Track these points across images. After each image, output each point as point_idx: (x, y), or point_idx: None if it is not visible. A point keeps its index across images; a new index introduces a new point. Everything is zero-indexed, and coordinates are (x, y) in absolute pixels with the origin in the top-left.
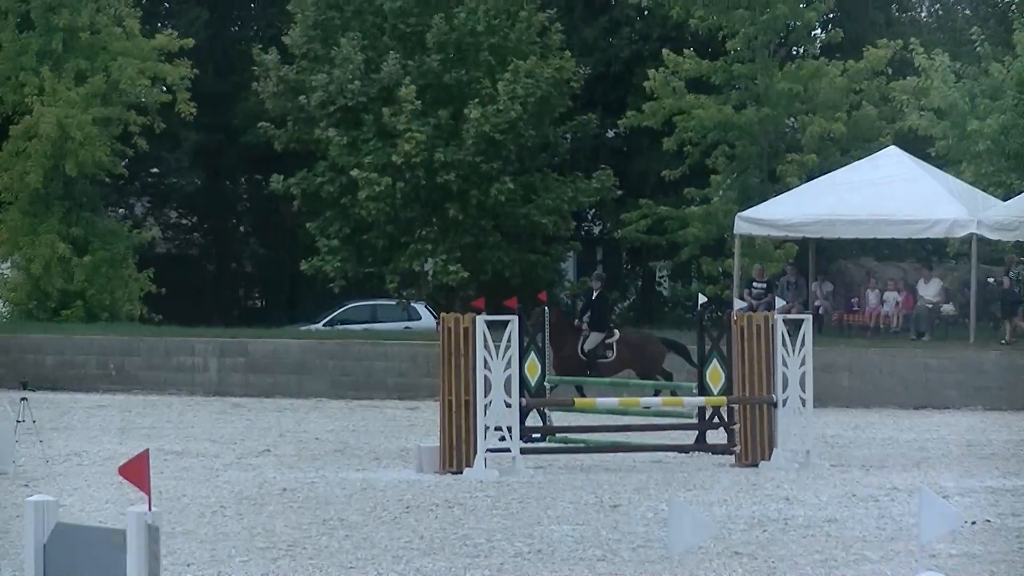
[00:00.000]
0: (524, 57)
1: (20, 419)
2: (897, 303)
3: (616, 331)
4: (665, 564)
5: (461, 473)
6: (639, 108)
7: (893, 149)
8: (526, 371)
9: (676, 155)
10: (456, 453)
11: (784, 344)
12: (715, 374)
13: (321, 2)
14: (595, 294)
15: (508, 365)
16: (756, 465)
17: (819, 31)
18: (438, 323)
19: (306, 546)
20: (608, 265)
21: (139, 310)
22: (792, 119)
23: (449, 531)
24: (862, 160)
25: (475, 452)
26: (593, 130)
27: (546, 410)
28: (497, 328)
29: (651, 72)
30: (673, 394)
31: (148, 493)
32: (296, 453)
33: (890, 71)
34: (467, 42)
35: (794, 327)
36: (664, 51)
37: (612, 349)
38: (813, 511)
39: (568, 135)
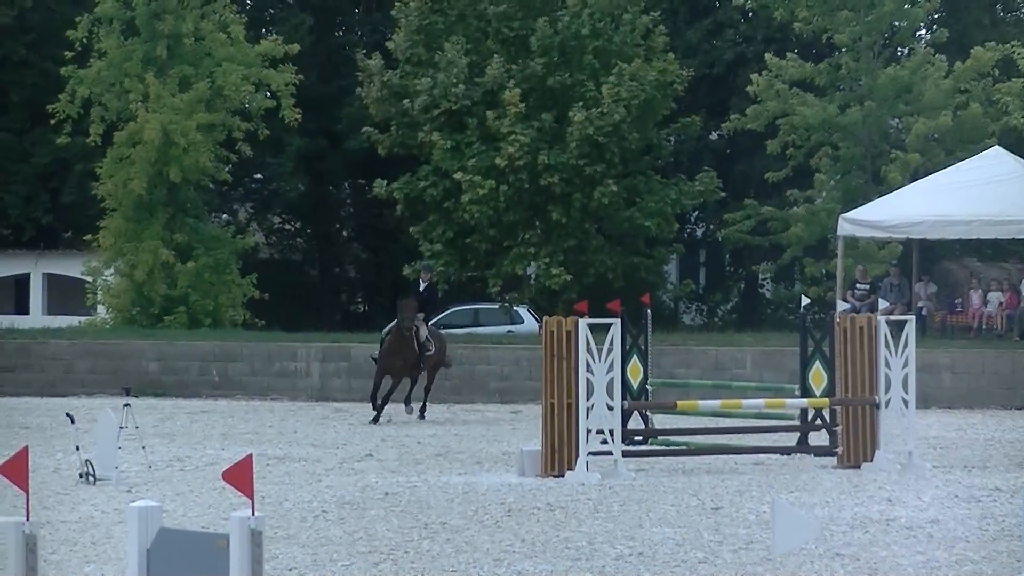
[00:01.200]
0: (628, 60)
1: (123, 425)
2: (1000, 303)
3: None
4: (767, 566)
5: (563, 476)
6: (742, 111)
7: (997, 149)
8: (628, 374)
9: (779, 157)
10: (558, 456)
11: (887, 345)
12: (817, 376)
13: (425, 7)
14: (424, 285)
15: (610, 368)
16: (858, 466)
17: (924, 31)
18: (540, 326)
19: (407, 550)
20: (711, 267)
21: (242, 315)
22: (896, 119)
23: (551, 534)
24: (966, 160)
25: (577, 455)
26: (696, 132)
27: (648, 412)
28: (599, 331)
29: (754, 76)
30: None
31: (251, 497)
32: (398, 457)
33: (996, 72)
34: (571, 45)
35: (897, 328)
36: (767, 55)
37: (431, 340)
38: (915, 512)
39: (671, 137)
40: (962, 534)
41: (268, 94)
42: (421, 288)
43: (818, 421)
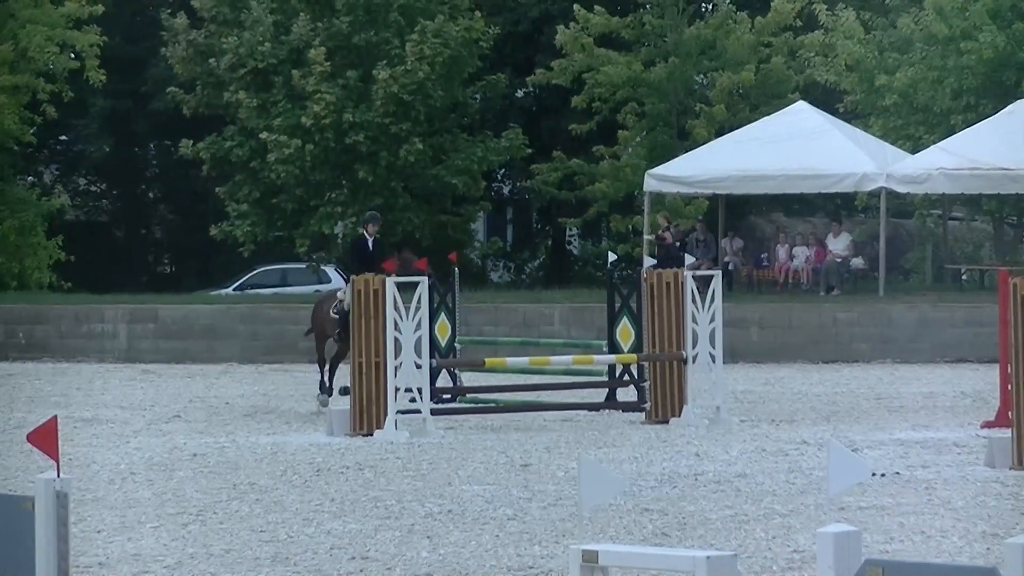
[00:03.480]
0: (432, 17)
1: None
2: (807, 258)
3: None
4: (575, 522)
5: (372, 435)
6: (549, 66)
7: (802, 104)
8: (436, 332)
9: (586, 113)
10: (366, 415)
11: (694, 300)
12: (625, 332)
13: None
14: (371, 240)
15: (418, 326)
16: (666, 422)
17: None
18: (349, 286)
19: (216, 511)
20: (519, 225)
21: (48, 278)
22: (701, 75)
23: (360, 493)
24: (771, 115)
25: (385, 414)
26: (503, 90)
27: (456, 371)
28: (407, 290)
29: (560, 28)
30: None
31: (57, 460)
32: (206, 418)
33: (799, 24)
34: (376, 3)
35: (704, 283)
36: (575, 7)
37: None
38: (723, 466)
39: (477, 95)
40: (770, 487)
41: (73, 55)
42: (370, 245)
43: (626, 377)
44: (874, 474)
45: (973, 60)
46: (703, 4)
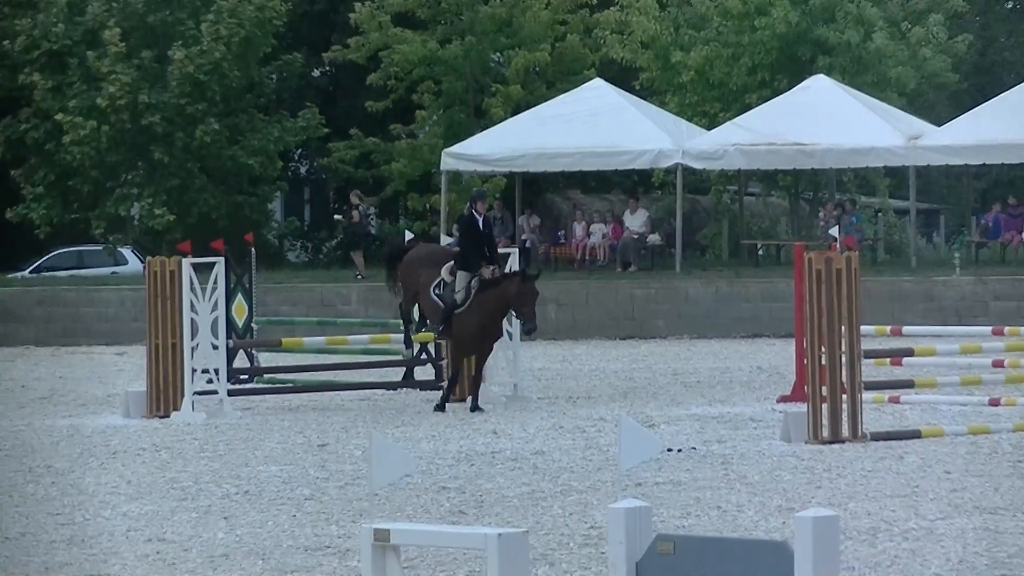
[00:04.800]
0: None
1: None
2: (604, 235)
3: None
4: (373, 500)
5: (168, 417)
6: (345, 44)
7: (598, 81)
8: (233, 313)
9: (382, 91)
10: (163, 397)
11: None
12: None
13: None
14: (481, 218)
15: (214, 307)
16: (463, 400)
17: None
18: (144, 267)
19: (12, 494)
20: (316, 204)
21: None
22: (497, 53)
23: (156, 475)
24: (567, 93)
25: (182, 395)
26: (299, 69)
27: (254, 351)
28: (204, 271)
29: (357, 6)
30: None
31: None
32: (2, 402)
33: (595, 1)
34: None
35: (502, 261)
36: None
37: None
38: (520, 444)
39: (274, 75)
40: (567, 464)
41: None
42: (480, 224)
43: (424, 356)
44: (670, 449)
45: (767, 36)
46: None
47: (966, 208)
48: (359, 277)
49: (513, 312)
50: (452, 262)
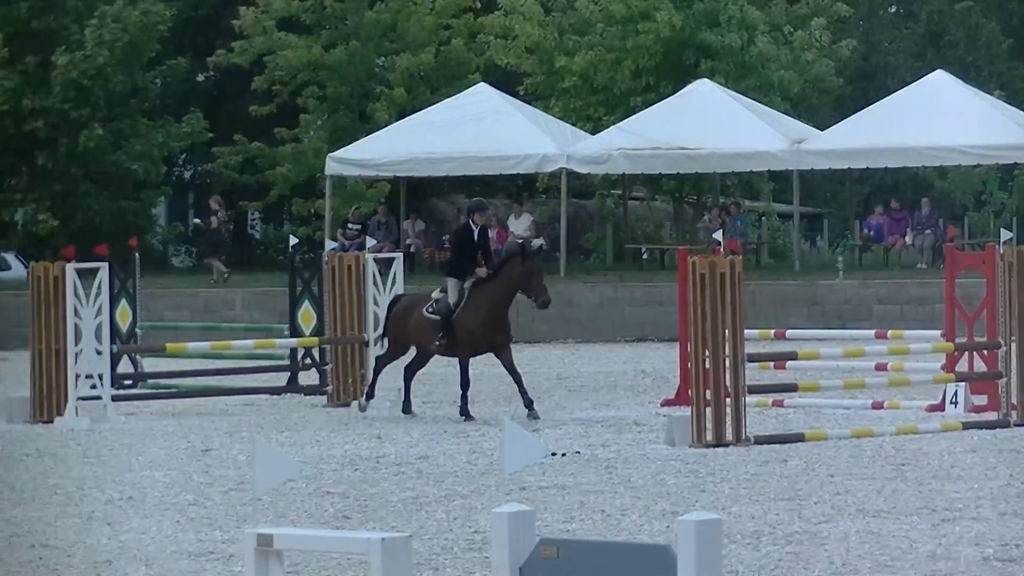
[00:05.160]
0: (111, 2)
1: None
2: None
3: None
4: (256, 505)
5: (52, 422)
6: (230, 48)
7: (482, 86)
8: (117, 318)
9: (267, 96)
10: (47, 403)
11: (375, 283)
12: (307, 315)
13: None
14: (478, 229)
15: (98, 312)
16: (348, 405)
17: None
18: (28, 272)
19: None
20: (199, 210)
21: None
22: (382, 58)
23: (40, 481)
24: (452, 98)
25: (66, 401)
26: (183, 74)
27: (138, 356)
28: (88, 276)
29: (242, 10)
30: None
31: None
32: None
33: (479, 5)
34: None
35: (385, 266)
36: None
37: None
38: (405, 448)
39: (158, 80)
40: (451, 469)
41: None
42: (476, 235)
43: (308, 360)
44: (555, 454)
45: (651, 40)
46: None
47: (849, 212)
48: (225, 279)
49: (523, 292)
50: (438, 289)
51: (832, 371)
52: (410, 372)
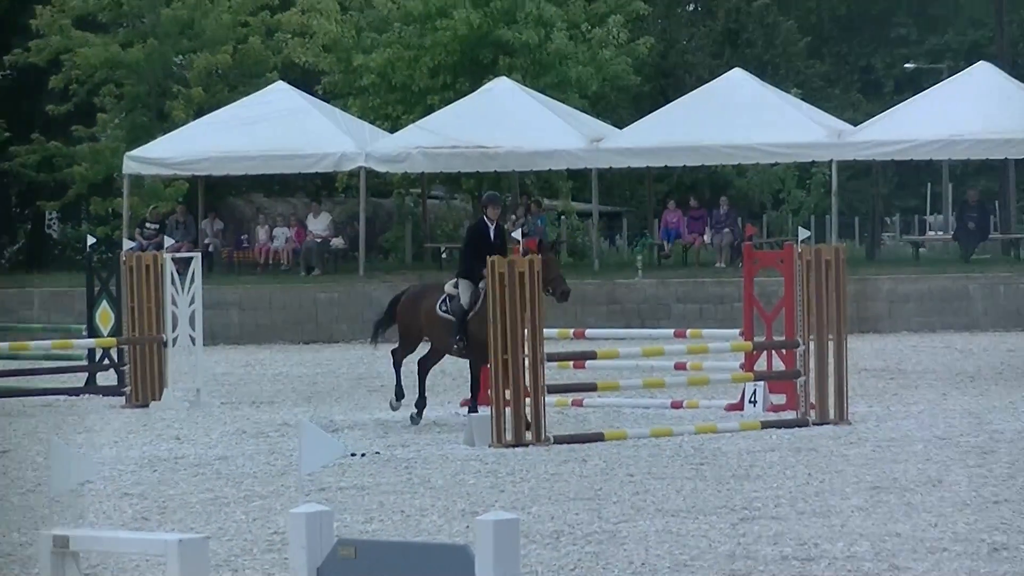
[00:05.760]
0: None
1: None
2: (287, 238)
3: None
4: (55, 507)
5: None
6: (26, 47)
7: (280, 84)
8: None
9: (64, 94)
10: None
11: (173, 283)
12: (105, 315)
13: None
14: (493, 225)
15: None
16: (147, 405)
17: None
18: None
19: None
20: None
21: None
22: (180, 56)
23: None
24: (250, 96)
25: None
26: None
27: None
28: None
29: (38, 9)
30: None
31: None
32: None
33: (276, 3)
34: None
35: (184, 266)
36: None
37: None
38: (203, 449)
39: None
40: (250, 470)
41: None
42: (492, 233)
43: (106, 361)
44: (354, 454)
45: (449, 37)
46: None
47: (648, 210)
48: None
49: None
50: (455, 279)
51: (631, 370)
52: (424, 367)
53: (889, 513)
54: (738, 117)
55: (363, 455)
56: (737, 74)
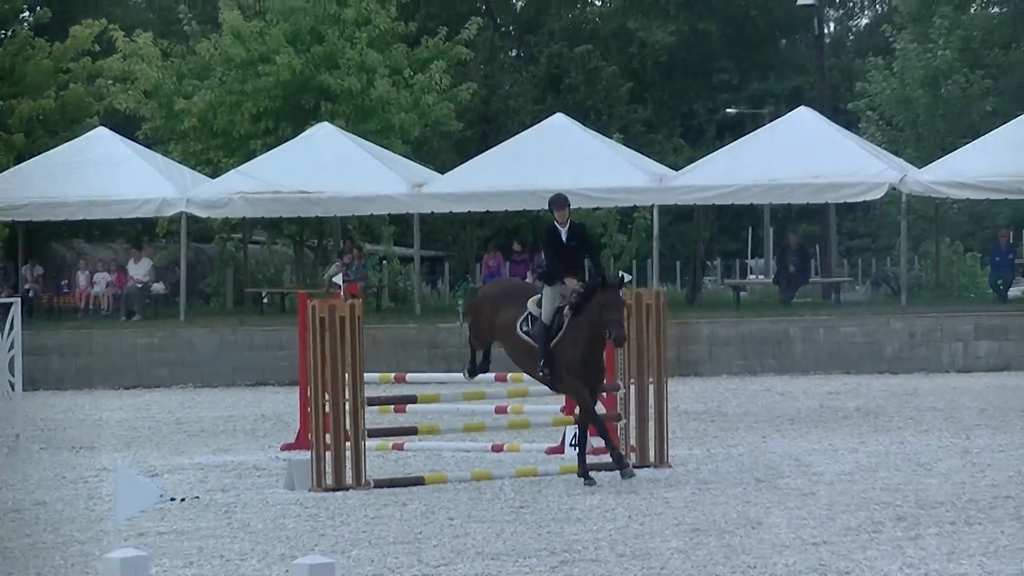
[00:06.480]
0: None
1: None
2: (108, 283)
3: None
4: None
5: None
6: None
7: (102, 130)
8: None
9: None
10: None
11: None
12: None
13: None
14: (565, 229)
15: None
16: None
17: (27, 13)
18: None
19: None
20: None
21: None
22: (0, 101)
23: None
24: (70, 142)
25: None
26: None
27: None
28: None
29: None
30: None
31: None
32: None
33: (98, 49)
34: None
35: (3, 311)
36: None
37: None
38: (23, 495)
39: None
40: (69, 515)
41: None
42: (564, 235)
43: None
44: (173, 499)
45: (271, 83)
46: (1, 30)
47: (470, 255)
48: None
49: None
50: (539, 295)
51: (452, 414)
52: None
53: (709, 555)
54: (560, 162)
55: (182, 500)
56: (559, 119)
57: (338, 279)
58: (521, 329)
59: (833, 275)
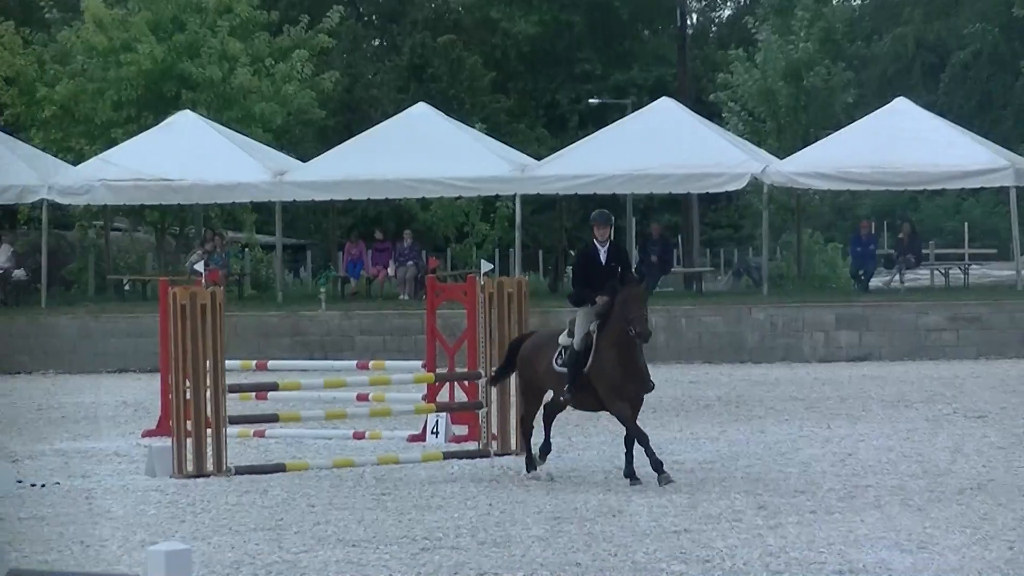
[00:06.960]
0: None
1: None
2: None
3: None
4: None
5: None
6: None
7: None
8: None
9: None
10: None
11: None
12: None
13: None
14: (604, 249)
15: None
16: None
17: None
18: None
19: None
20: None
21: None
22: None
23: None
24: None
25: None
26: None
27: None
28: None
29: None
30: None
31: None
32: None
33: None
34: None
35: None
36: None
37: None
38: None
39: None
40: None
41: None
42: (603, 256)
43: None
44: (33, 485)
45: (133, 71)
46: None
47: (332, 243)
48: None
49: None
50: (565, 330)
51: (314, 401)
52: (551, 413)
53: (570, 543)
54: (422, 151)
55: (43, 486)
56: (421, 108)
57: (199, 266)
58: (556, 364)
59: (695, 265)
